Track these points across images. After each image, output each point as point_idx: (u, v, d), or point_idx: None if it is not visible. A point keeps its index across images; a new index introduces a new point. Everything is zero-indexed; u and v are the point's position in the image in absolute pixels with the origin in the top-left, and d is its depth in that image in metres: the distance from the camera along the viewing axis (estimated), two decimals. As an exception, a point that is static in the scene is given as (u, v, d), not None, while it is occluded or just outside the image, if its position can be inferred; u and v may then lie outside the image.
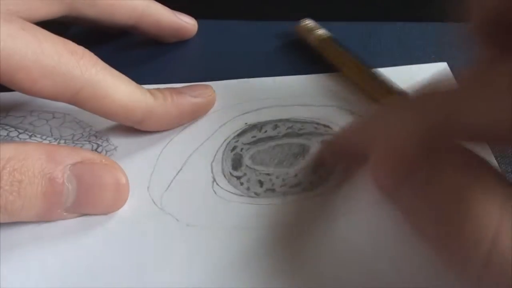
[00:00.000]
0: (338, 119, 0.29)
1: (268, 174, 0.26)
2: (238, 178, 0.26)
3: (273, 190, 0.25)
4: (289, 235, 0.23)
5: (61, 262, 0.23)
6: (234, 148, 0.27)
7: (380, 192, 0.20)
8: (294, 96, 0.30)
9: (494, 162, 0.25)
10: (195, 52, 0.35)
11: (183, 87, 0.29)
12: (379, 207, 0.24)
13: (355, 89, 0.30)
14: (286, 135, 0.28)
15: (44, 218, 0.23)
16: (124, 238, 0.24)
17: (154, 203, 0.25)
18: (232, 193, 0.25)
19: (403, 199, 0.18)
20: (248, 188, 0.25)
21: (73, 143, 0.28)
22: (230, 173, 0.26)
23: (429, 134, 0.17)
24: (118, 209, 0.25)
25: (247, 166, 0.26)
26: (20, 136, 0.28)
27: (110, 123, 0.29)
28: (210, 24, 0.37)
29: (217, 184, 0.26)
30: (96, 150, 0.27)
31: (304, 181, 0.25)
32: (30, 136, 0.28)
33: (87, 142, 0.28)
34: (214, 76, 0.32)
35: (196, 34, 0.36)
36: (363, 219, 0.24)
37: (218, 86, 0.30)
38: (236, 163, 0.27)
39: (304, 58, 0.33)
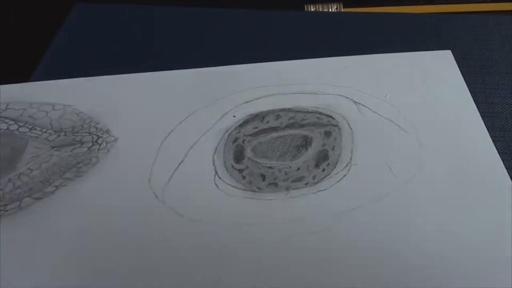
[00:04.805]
0: (341, 109, 0.28)
1: (270, 168, 0.26)
2: (240, 171, 0.26)
3: (275, 185, 0.25)
4: (292, 231, 0.23)
5: (62, 257, 0.23)
6: (236, 139, 0.27)
7: None
8: (296, 83, 0.30)
9: (498, 160, 0.25)
10: (195, 42, 0.35)
11: None
12: (382, 203, 0.24)
13: (361, 77, 0.30)
14: (288, 126, 0.28)
15: None
16: (125, 232, 0.24)
17: (156, 196, 0.25)
18: (234, 187, 0.25)
19: None
20: (250, 182, 0.25)
21: (73, 135, 0.28)
22: (232, 166, 0.26)
23: None
24: None
25: (249, 158, 0.26)
26: (20, 129, 0.28)
27: (110, 114, 0.28)
28: (211, 13, 0.36)
29: (218, 177, 0.26)
30: (96, 141, 0.27)
31: (307, 175, 0.25)
32: (30, 129, 0.28)
33: (87, 134, 0.28)
34: (214, 62, 0.31)
35: (198, 23, 0.35)
36: (366, 215, 0.23)
37: (218, 73, 0.30)
38: (238, 156, 0.26)
39: (305, 46, 0.33)
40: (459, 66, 0.30)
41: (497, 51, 0.31)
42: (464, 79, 0.29)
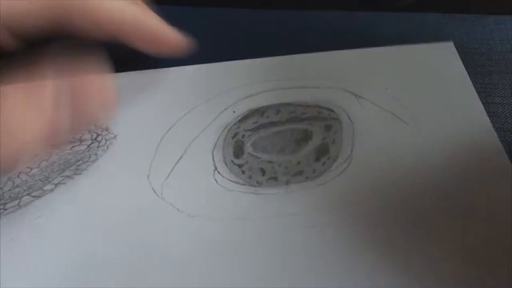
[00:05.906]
0: (342, 102, 0.28)
1: (270, 162, 0.25)
2: (240, 166, 0.25)
3: (275, 179, 0.25)
4: (292, 225, 0.23)
5: (61, 255, 0.23)
6: (235, 134, 0.27)
7: None
8: (296, 78, 0.30)
9: (502, 151, 0.25)
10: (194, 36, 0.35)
11: None
12: (382, 197, 0.24)
13: (361, 70, 0.29)
14: (288, 120, 0.27)
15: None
16: (124, 228, 0.23)
17: (155, 192, 0.25)
18: (233, 182, 0.25)
19: None
20: (250, 177, 0.25)
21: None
22: (232, 161, 0.26)
23: None
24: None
25: (248, 153, 0.26)
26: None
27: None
28: (210, 12, 0.36)
29: (218, 172, 0.25)
30: (95, 139, 0.27)
31: (307, 169, 0.25)
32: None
33: (87, 132, 0.27)
34: (214, 58, 0.31)
35: (197, 22, 0.35)
36: (368, 208, 0.23)
37: (217, 69, 0.30)
38: (238, 151, 0.26)
39: (305, 44, 0.32)
40: None
41: (497, 51, 0.31)
42: None
